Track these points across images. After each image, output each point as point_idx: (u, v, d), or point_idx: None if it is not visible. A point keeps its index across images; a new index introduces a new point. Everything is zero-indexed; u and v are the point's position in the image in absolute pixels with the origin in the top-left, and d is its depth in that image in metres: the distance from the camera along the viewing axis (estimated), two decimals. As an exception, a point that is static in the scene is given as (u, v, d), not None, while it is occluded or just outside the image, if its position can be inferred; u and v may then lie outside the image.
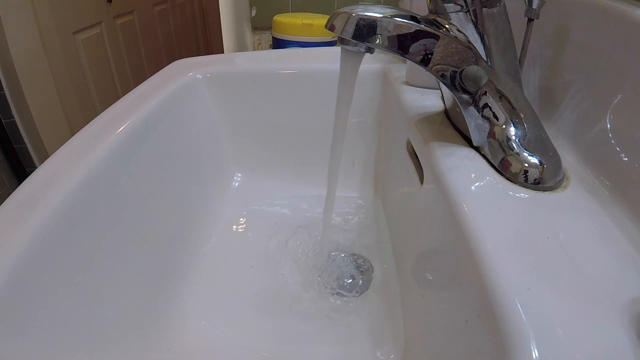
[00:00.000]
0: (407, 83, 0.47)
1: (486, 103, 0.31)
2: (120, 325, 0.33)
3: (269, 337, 0.39)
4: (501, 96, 0.31)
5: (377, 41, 0.28)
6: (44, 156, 1.23)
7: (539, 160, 0.29)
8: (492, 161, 0.31)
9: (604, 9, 0.31)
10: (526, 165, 0.29)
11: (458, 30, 0.30)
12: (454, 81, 0.30)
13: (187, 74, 0.52)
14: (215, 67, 0.54)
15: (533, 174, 0.29)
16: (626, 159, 0.28)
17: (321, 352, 0.38)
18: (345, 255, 0.48)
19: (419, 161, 0.38)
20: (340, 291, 0.43)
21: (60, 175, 0.31)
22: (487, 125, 0.31)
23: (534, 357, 0.17)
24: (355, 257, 0.48)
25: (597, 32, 0.32)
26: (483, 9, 0.30)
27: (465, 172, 0.30)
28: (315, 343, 0.39)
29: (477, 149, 0.32)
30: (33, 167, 1.25)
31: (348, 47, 0.30)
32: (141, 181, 0.39)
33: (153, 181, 0.41)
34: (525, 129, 0.30)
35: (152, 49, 1.88)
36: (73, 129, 1.36)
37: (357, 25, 0.28)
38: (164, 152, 0.44)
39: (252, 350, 0.38)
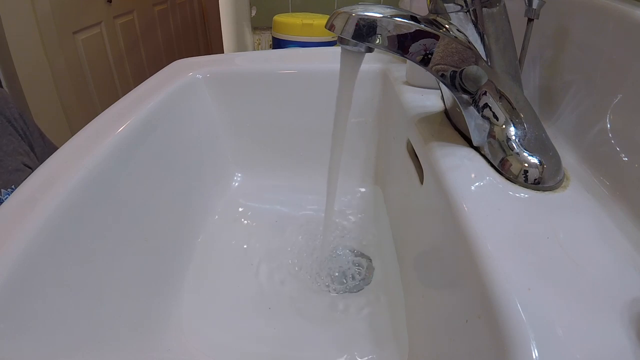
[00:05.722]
0: (407, 83, 0.47)
1: (486, 103, 0.31)
2: (120, 325, 0.33)
3: (269, 337, 0.39)
4: (501, 96, 0.31)
5: (377, 41, 0.28)
6: (44, 156, 1.23)
7: (538, 160, 0.29)
8: (492, 161, 0.31)
9: (604, 9, 0.31)
10: (526, 165, 0.29)
11: (458, 30, 0.30)
12: (454, 81, 0.30)
13: (187, 74, 0.52)
14: (215, 67, 0.54)
15: (533, 174, 0.29)
16: (626, 159, 0.28)
17: (322, 353, 0.38)
18: (345, 254, 0.48)
19: (419, 161, 0.38)
20: (341, 290, 0.43)
21: (60, 175, 0.31)
22: (487, 125, 0.31)
23: (534, 357, 0.17)
24: (356, 256, 0.48)
25: (597, 32, 0.32)
26: (483, 9, 0.30)
27: (465, 172, 0.30)
28: (317, 343, 0.39)
29: (477, 149, 0.32)
30: (33, 167, 1.24)
31: (348, 47, 0.30)
32: (141, 181, 0.39)
33: (153, 181, 0.41)
34: (525, 129, 0.30)
35: (152, 49, 1.88)
36: (73, 129, 1.36)
37: (357, 25, 0.28)
38: (163, 152, 0.44)
39: (251, 350, 0.38)
